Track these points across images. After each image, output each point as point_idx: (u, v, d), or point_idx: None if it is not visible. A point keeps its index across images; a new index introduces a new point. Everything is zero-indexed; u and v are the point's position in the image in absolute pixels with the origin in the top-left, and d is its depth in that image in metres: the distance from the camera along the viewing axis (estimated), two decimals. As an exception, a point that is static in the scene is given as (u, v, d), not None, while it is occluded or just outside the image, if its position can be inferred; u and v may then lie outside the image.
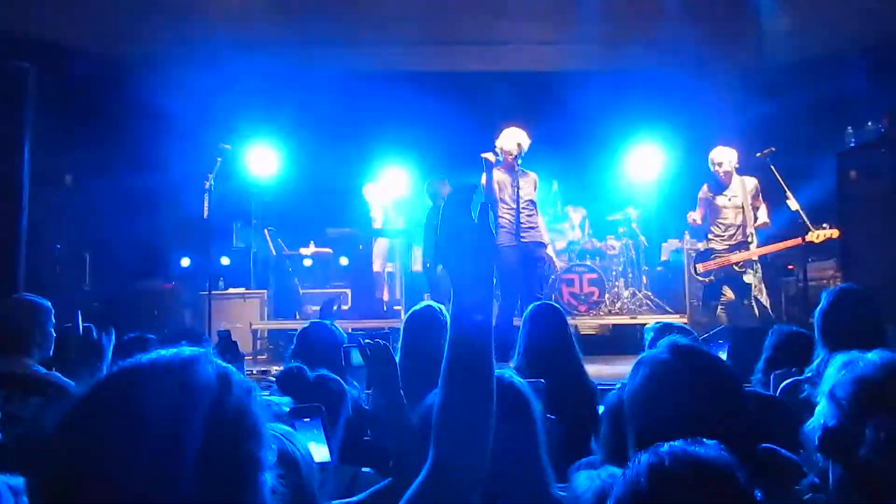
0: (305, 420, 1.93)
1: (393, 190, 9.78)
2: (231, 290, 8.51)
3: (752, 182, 6.88)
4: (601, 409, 3.10)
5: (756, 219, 6.82)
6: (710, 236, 6.99)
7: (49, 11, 9.14)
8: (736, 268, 6.78)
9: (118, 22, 9.65)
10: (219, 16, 9.86)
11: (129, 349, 3.03)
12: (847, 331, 2.75)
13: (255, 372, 5.37)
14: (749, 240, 6.79)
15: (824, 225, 6.51)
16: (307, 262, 9.45)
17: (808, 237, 6.49)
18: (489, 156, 6.02)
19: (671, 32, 10.15)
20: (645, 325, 8.06)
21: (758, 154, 6.68)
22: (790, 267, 8.50)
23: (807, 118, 8.98)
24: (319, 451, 1.95)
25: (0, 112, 5.67)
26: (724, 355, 3.53)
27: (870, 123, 8.01)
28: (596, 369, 3.59)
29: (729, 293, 6.94)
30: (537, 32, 10.70)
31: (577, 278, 8.52)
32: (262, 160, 9.95)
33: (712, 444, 1.12)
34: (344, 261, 9.35)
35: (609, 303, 8.66)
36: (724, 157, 6.92)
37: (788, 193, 6.40)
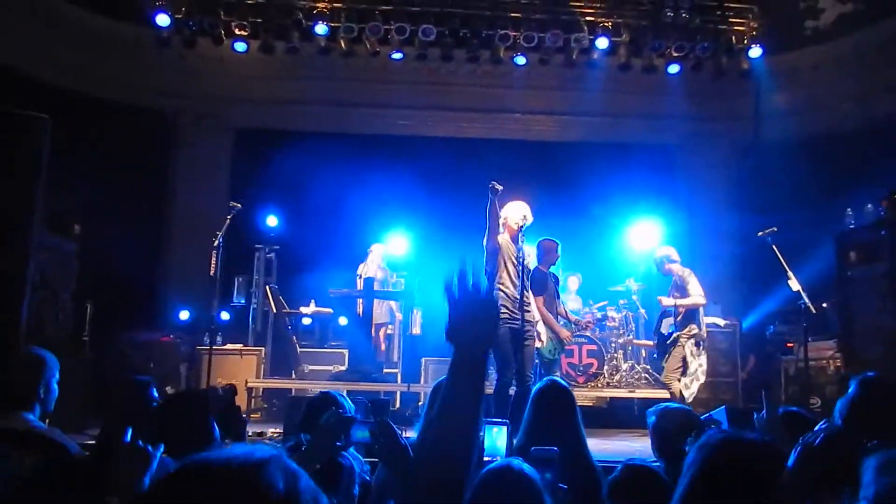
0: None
1: (395, 252, 9.84)
2: (229, 346, 8.46)
3: (677, 274, 7.18)
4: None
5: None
6: None
7: (64, 60, 9.38)
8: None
9: (135, 74, 9.89)
10: (229, 76, 10.12)
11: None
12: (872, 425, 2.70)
13: (250, 433, 5.29)
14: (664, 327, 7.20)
15: None
16: (307, 321, 9.44)
17: None
18: (497, 185, 6.02)
19: (671, 108, 10.42)
20: (643, 399, 8.08)
21: (759, 233, 6.77)
22: (789, 345, 8.51)
23: (806, 197, 9.11)
24: None
25: (15, 161, 5.73)
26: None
27: (869, 206, 8.11)
28: (592, 444, 3.53)
29: None
30: (540, 103, 10.97)
31: (576, 349, 8.50)
32: (269, 219, 10.06)
33: None
34: (343, 321, 9.32)
35: (608, 375, 8.61)
36: (658, 254, 7.45)
37: (790, 274, 6.45)
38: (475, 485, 1.91)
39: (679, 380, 6.87)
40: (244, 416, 4.17)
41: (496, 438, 2.95)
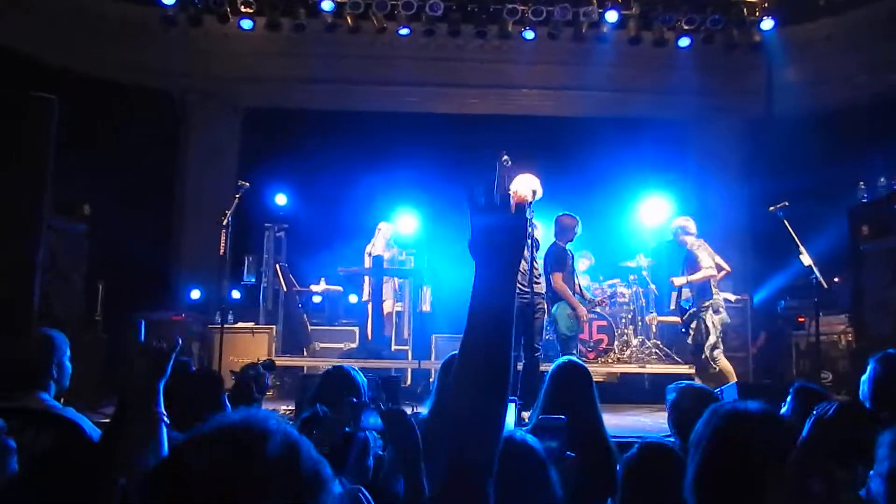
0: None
1: (404, 230, 9.84)
2: (240, 325, 8.51)
3: (689, 248, 7.29)
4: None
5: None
6: None
7: (70, 41, 9.34)
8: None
9: (141, 55, 9.86)
10: (236, 55, 10.06)
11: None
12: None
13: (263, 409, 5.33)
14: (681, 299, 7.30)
15: None
16: (317, 299, 9.48)
17: None
18: (506, 158, 5.99)
19: (681, 82, 10.29)
20: (653, 374, 8.09)
21: (770, 208, 6.71)
22: (801, 319, 8.48)
23: (818, 171, 9.02)
24: None
25: (24, 143, 5.74)
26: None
27: (882, 179, 8.04)
28: (604, 419, 3.54)
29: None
30: (549, 78, 10.86)
31: (586, 325, 8.49)
32: (278, 198, 10.08)
33: None
34: (353, 298, 9.36)
35: (618, 350, 8.62)
36: (674, 224, 7.54)
37: (802, 249, 6.40)
38: None
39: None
40: (258, 396, 4.19)
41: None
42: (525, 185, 6.22)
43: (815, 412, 2.30)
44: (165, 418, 2.16)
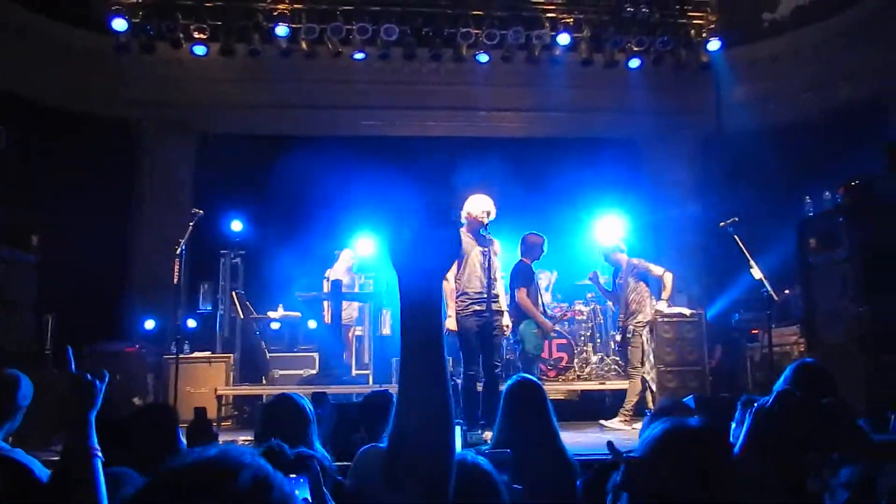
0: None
1: (363, 253, 9.79)
2: (196, 354, 8.35)
3: (631, 264, 7.69)
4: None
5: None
6: None
7: (21, 68, 9.15)
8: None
9: (93, 82, 9.71)
10: (190, 81, 9.98)
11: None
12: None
13: (220, 442, 5.23)
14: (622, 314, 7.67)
15: None
16: (275, 326, 9.35)
17: None
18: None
19: (634, 102, 10.52)
20: (613, 390, 8.17)
21: (721, 224, 6.87)
22: (754, 332, 8.65)
23: (768, 187, 9.26)
24: None
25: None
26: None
27: (827, 193, 8.26)
28: (565, 437, 3.57)
29: None
30: (505, 100, 10.99)
31: (546, 343, 8.54)
32: (234, 224, 9.96)
33: None
34: (312, 324, 9.26)
35: (578, 368, 8.69)
36: (610, 244, 7.96)
37: (752, 262, 6.56)
38: None
39: (642, 367, 7.11)
40: (214, 427, 4.11)
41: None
42: (477, 206, 6.26)
43: (754, 409, 2.34)
44: (99, 453, 2.09)
